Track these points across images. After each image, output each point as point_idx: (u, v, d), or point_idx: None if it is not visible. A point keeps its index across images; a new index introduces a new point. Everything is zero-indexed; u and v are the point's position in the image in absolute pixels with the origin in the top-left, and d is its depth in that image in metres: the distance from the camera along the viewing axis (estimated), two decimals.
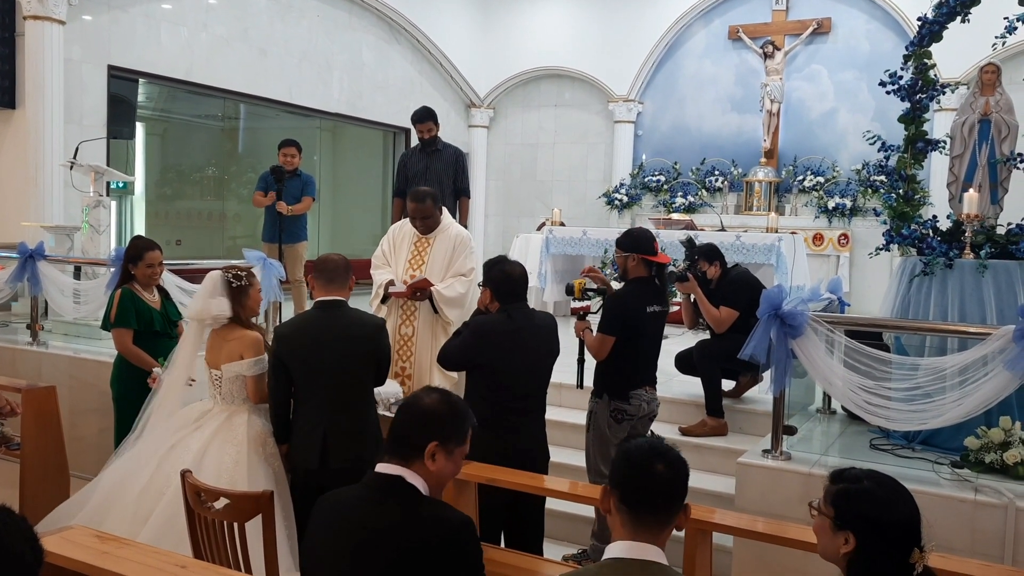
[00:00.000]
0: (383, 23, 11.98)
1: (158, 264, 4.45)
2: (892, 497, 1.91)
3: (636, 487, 1.79)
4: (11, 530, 1.44)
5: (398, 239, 4.51)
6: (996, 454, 3.54)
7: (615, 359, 3.89)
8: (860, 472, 1.98)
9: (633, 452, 1.84)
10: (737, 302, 4.82)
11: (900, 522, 1.88)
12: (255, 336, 3.59)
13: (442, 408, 2.08)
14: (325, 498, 2.14)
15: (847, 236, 10.68)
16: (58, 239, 7.10)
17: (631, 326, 3.86)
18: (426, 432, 2.04)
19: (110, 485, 3.54)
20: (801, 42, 11.47)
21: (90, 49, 8.36)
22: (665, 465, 1.81)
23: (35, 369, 5.72)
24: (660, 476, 1.80)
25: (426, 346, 4.31)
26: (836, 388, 3.71)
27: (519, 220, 13.31)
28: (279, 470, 3.50)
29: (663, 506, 1.80)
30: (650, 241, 3.97)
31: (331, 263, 3.46)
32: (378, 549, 1.96)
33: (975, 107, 4.68)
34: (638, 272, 3.95)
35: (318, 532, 2.08)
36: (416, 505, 2.00)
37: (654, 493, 1.79)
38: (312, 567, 2.09)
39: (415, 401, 2.11)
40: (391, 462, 2.05)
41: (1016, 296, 4.00)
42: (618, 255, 4.02)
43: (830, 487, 1.99)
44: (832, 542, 1.93)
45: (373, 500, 2.02)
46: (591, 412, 3.98)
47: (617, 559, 1.76)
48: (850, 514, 1.90)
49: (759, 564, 3.55)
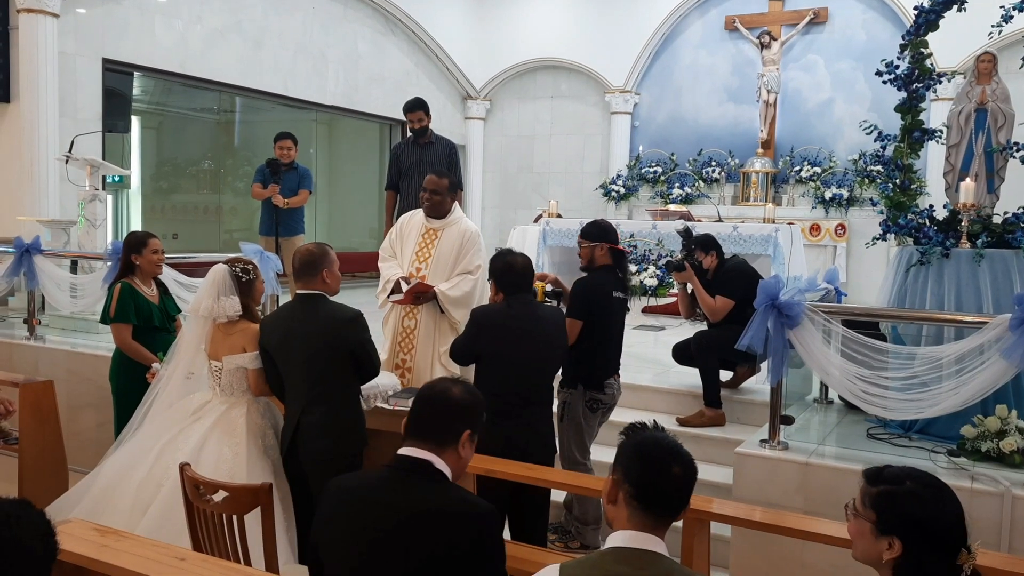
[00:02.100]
0: (379, 15, 11.94)
1: (161, 251, 4.46)
2: (938, 498, 1.81)
3: (653, 487, 1.79)
4: (24, 524, 1.45)
5: (406, 230, 4.43)
6: (992, 442, 3.56)
7: (588, 349, 3.97)
8: (900, 471, 1.88)
9: (650, 451, 1.83)
10: (733, 291, 4.83)
11: (949, 524, 1.78)
12: (257, 329, 3.59)
13: (472, 399, 2.17)
14: (337, 482, 2.14)
15: (844, 226, 10.69)
16: (54, 233, 7.09)
17: (599, 309, 3.98)
18: (460, 421, 2.12)
19: (109, 477, 3.54)
20: (798, 32, 11.46)
21: (84, 42, 8.33)
22: (681, 468, 1.81)
23: (32, 364, 5.71)
24: (676, 479, 1.80)
25: (428, 340, 4.27)
26: (833, 378, 3.72)
27: (516, 212, 13.29)
28: (278, 462, 3.51)
29: (676, 506, 1.81)
30: (615, 232, 4.20)
31: (297, 259, 3.46)
32: (405, 530, 1.96)
33: (971, 96, 4.68)
34: (604, 261, 4.13)
35: (334, 516, 2.08)
36: (446, 489, 2.03)
37: (669, 495, 1.80)
38: (329, 551, 2.08)
39: (444, 391, 2.14)
40: (419, 447, 2.07)
41: (1012, 285, 4.01)
42: (585, 245, 4.15)
43: (868, 488, 1.87)
44: (874, 547, 1.83)
45: (399, 481, 2.04)
46: (564, 403, 4.05)
47: (621, 548, 1.77)
48: (895, 519, 1.80)
49: (757, 553, 3.56)
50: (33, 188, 7.75)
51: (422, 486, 2.02)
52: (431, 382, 2.22)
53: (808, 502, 3.53)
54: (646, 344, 7.10)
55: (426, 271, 4.25)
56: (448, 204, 4.35)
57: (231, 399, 3.58)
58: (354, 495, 2.07)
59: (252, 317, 3.65)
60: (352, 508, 2.05)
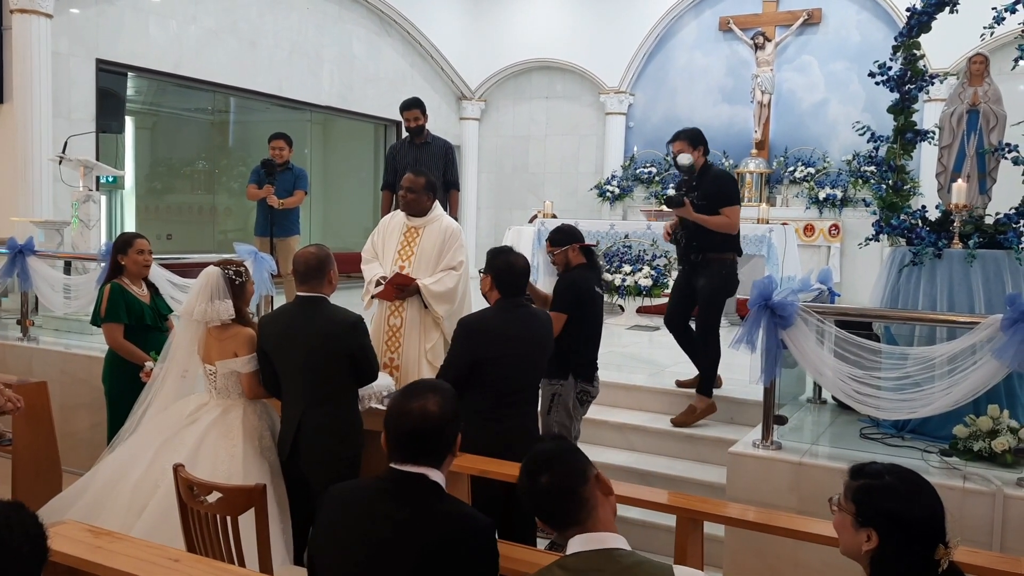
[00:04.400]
0: (373, 15, 11.93)
1: (148, 251, 4.45)
2: (915, 492, 1.87)
3: (527, 497, 1.85)
4: (13, 525, 1.45)
5: (387, 231, 4.49)
6: (984, 442, 3.57)
7: (579, 341, 4.03)
8: (881, 467, 1.93)
9: (526, 462, 1.89)
10: (733, 197, 4.85)
11: (924, 518, 1.84)
12: (249, 333, 3.58)
13: (450, 401, 2.11)
14: (338, 489, 2.13)
15: (837, 227, 10.71)
16: (47, 234, 7.07)
17: (584, 302, 4.06)
18: (450, 431, 2.08)
19: (105, 479, 3.54)
20: (792, 33, 11.48)
21: (78, 42, 8.31)
22: (550, 477, 1.82)
23: (26, 365, 5.69)
24: (545, 488, 1.82)
25: (414, 337, 4.30)
26: (826, 378, 3.73)
27: (511, 212, 13.30)
28: (275, 463, 3.51)
29: (565, 516, 1.82)
30: (579, 231, 4.31)
31: (303, 262, 3.45)
32: (401, 542, 1.95)
33: (964, 97, 4.69)
34: (579, 260, 4.21)
35: (332, 524, 2.07)
36: (440, 501, 2.02)
37: (546, 505, 1.84)
38: (325, 558, 2.07)
39: (422, 412, 2.04)
40: (413, 464, 2.03)
41: (1004, 285, 4.02)
42: (556, 252, 4.21)
43: (850, 482, 1.93)
44: (854, 539, 1.89)
45: (395, 495, 2.02)
46: (554, 395, 4.04)
47: (576, 554, 1.78)
48: (872, 511, 1.86)
49: (750, 553, 3.57)
50: (26, 189, 7.72)
51: (419, 500, 2.01)
52: (401, 405, 2.07)
53: (801, 502, 3.54)
54: (640, 344, 7.11)
55: (409, 269, 4.28)
56: (426, 202, 4.39)
57: (227, 401, 3.57)
58: (350, 508, 2.06)
59: (244, 320, 3.64)
60: (348, 521, 2.04)
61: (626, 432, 4.95)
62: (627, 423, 5.00)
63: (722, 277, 4.86)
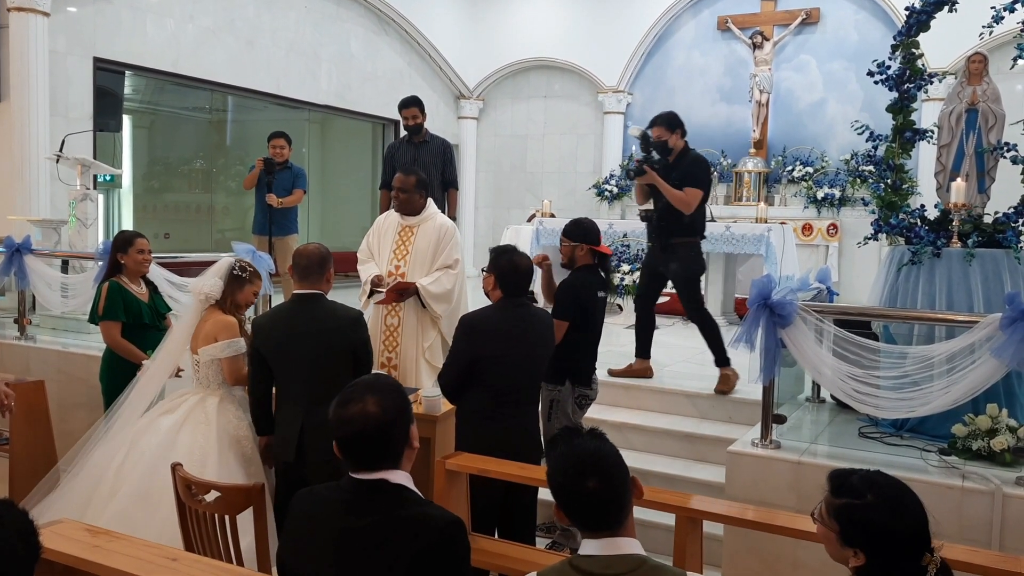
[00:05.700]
0: (371, 14, 11.92)
1: (148, 251, 4.46)
2: (898, 508, 1.85)
3: (571, 499, 1.79)
4: (4, 523, 1.44)
5: (383, 230, 4.50)
6: (983, 441, 3.57)
7: (578, 346, 4.02)
8: (861, 482, 1.89)
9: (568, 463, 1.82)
10: (700, 181, 4.95)
11: (909, 534, 1.83)
12: (229, 319, 3.66)
13: (394, 401, 2.02)
14: (304, 494, 2.09)
15: (836, 226, 10.71)
16: (45, 233, 7.05)
17: (584, 309, 4.05)
18: (399, 433, 2.00)
19: (92, 470, 3.59)
20: (790, 32, 11.48)
21: (75, 41, 8.28)
22: (598, 481, 1.76)
23: (23, 364, 5.68)
24: (592, 493, 1.76)
25: (412, 336, 4.31)
26: (825, 377, 3.73)
27: (509, 212, 13.29)
28: (251, 452, 3.55)
29: (605, 519, 1.77)
30: (597, 233, 4.25)
31: (305, 257, 3.45)
32: (367, 554, 1.91)
33: (962, 96, 4.69)
34: (585, 261, 4.19)
35: (299, 528, 2.04)
36: (400, 507, 1.95)
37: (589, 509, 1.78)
38: (293, 562, 2.03)
39: (363, 417, 1.96)
40: (368, 471, 1.97)
41: (1003, 284, 4.02)
42: (566, 244, 4.20)
43: (832, 500, 1.91)
44: (840, 554, 1.89)
45: (353, 505, 1.97)
46: (552, 401, 4.05)
47: (591, 556, 1.76)
48: (857, 533, 1.84)
49: (750, 552, 3.57)
50: (24, 187, 7.70)
51: (378, 509, 1.95)
52: (340, 413, 2.00)
53: (800, 501, 3.54)
54: None
55: (405, 268, 4.29)
56: (419, 201, 4.41)
57: (207, 390, 3.65)
58: (318, 510, 2.02)
59: (225, 310, 3.69)
60: (315, 522, 2.00)
61: (625, 431, 4.95)
62: (626, 422, 5.01)
63: (691, 259, 5.13)
